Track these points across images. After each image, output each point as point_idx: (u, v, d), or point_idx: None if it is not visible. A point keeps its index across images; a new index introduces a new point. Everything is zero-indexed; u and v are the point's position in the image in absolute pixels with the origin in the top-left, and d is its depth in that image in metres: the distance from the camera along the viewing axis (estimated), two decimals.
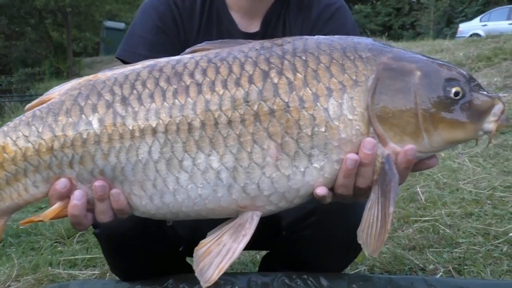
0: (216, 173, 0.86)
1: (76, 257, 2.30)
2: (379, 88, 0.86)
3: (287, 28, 1.38)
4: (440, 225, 2.26)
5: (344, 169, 0.86)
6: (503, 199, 2.49)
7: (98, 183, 0.90)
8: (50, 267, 2.23)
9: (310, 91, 0.86)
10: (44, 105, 0.95)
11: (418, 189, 2.79)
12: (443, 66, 0.90)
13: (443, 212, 2.40)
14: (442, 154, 3.50)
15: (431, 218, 2.35)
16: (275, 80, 0.87)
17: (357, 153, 0.86)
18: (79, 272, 2.19)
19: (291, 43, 0.93)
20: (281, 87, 0.87)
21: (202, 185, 0.87)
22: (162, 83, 0.90)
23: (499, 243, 2.00)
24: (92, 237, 2.59)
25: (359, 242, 0.86)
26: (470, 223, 2.25)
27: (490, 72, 6.01)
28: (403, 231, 2.31)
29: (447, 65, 0.92)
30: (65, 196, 0.91)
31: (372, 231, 0.84)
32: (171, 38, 1.31)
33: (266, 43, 0.95)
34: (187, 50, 0.99)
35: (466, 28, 16.66)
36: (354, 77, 0.87)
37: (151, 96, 0.90)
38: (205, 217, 0.93)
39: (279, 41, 0.95)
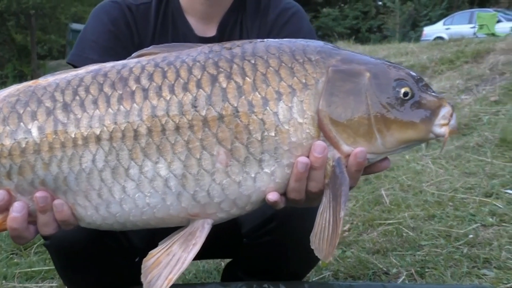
0: (164, 181, 0.84)
1: (33, 269, 2.21)
2: (329, 90, 0.86)
3: (244, 32, 1.36)
4: (403, 228, 2.28)
5: (295, 173, 0.85)
6: (464, 200, 2.54)
7: (39, 194, 0.86)
8: (4, 281, 2.14)
9: (259, 95, 0.85)
10: None
11: (383, 192, 2.82)
12: (391, 67, 0.91)
13: (406, 214, 2.43)
14: (407, 157, 3.55)
15: (395, 221, 2.37)
16: (224, 85, 0.85)
17: (308, 157, 0.85)
18: (35, 285, 2.11)
19: (240, 46, 0.92)
20: (230, 92, 0.85)
21: (150, 193, 0.85)
22: (107, 89, 0.87)
23: (460, 245, 2.03)
24: None
25: (312, 247, 0.85)
26: (433, 225, 2.28)
27: (453, 74, 6.16)
28: (368, 234, 2.32)
29: (395, 66, 0.92)
30: (4, 208, 0.87)
31: (324, 236, 0.82)
32: (124, 42, 1.28)
33: (215, 46, 0.93)
34: (133, 54, 0.96)
35: (431, 31, 17.10)
36: (303, 80, 0.86)
37: (95, 102, 0.86)
38: (154, 227, 0.90)
39: (228, 44, 0.93)
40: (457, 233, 2.13)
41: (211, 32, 1.35)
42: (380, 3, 26.93)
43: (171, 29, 1.35)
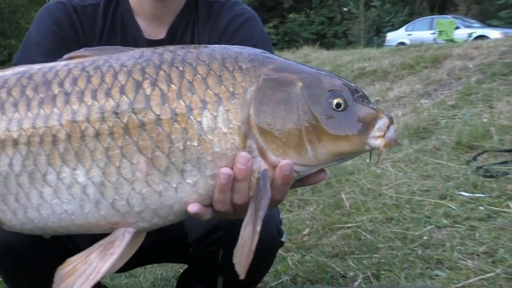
0: (82, 188, 0.82)
1: None
2: (259, 100, 0.84)
3: (195, 36, 1.35)
4: (362, 231, 2.31)
5: (219, 185, 0.83)
6: (420, 203, 2.60)
7: None
8: None
9: (183, 104, 0.83)
10: None
11: (343, 196, 2.86)
12: (326, 77, 0.89)
13: (365, 218, 2.47)
14: (368, 160, 3.62)
15: (354, 225, 2.41)
16: (148, 92, 0.83)
17: (232, 168, 0.83)
18: None
19: (172, 52, 0.90)
20: (153, 99, 0.83)
21: (67, 200, 0.83)
22: (29, 92, 0.86)
23: (415, 246, 2.08)
24: None
25: (234, 262, 0.83)
26: (390, 228, 2.33)
27: (413, 79, 6.32)
28: (327, 238, 2.35)
29: (331, 76, 0.90)
30: None
31: (244, 250, 0.81)
32: (68, 44, 1.25)
33: (147, 51, 0.91)
34: (64, 57, 0.94)
35: (393, 37, 17.54)
36: (231, 89, 0.84)
37: (15, 105, 0.85)
38: (76, 233, 0.89)
39: (160, 49, 0.91)
40: (413, 235, 2.19)
41: (161, 34, 1.33)
42: (345, 9, 27.41)
43: (120, 31, 1.33)
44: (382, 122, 0.86)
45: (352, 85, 0.90)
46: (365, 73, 7.25)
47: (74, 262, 0.83)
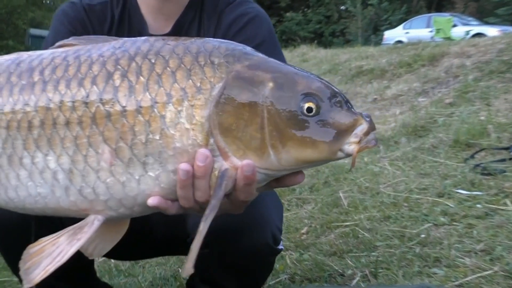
0: (53, 173, 0.85)
1: None
2: (224, 98, 0.81)
3: (201, 31, 1.34)
4: (360, 230, 2.32)
5: (179, 180, 0.82)
6: (418, 201, 2.60)
7: None
8: None
9: (149, 96, 0.83)
10: None
11: (341, 194, 2.86)
12: (303, 79, 0.83)
13: (363, 216, 2.47)
14: (365, 159, 3.63)
15: (352, 223, 2.41)
16: (117, 83, 0.84)
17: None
18: None
19: (150, 43, 0.89)
20: (121, 90, 0.84)
21: (40, 184, 0.86)
22: (13, 78, 0.89)
23: (413, 245, 2.08)
24: (1, 258, 2.41)
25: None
26: (388, 226, 2.34)
27: (410, 77, 6.33)
28: (325, 237, 2.35)
29: (310, 77, 0.84)
30: None
31: (192, 247, 0.82)
32: None
33: (128, 42, 0.90)
34: (56, 44, 0.96)
35: (391, 35, 17.54)
36: (198, 84, 0.82)
37: (0, 90, 0.89)
38: (55, 215, 0.91)
39: (140, 40, 0.91)
40: (411, 233, 2.19)
41: (167, 29, 1.33)
42: (342, 7, 27.42)
43: (127, 28, 1.34)
44: (360, 129, 0.81)
45: (334, 89, 0.85)
46: (362, 71, 7.25)
47: (43, 243, 0.85)
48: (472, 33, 13.02)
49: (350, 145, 0.81)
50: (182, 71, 0.83)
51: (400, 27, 18.37)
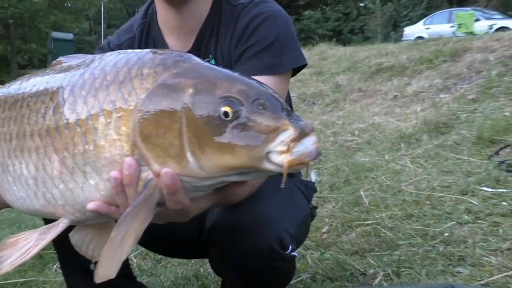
0: (25, 179, 0.95)
1: (8, 281, 2.18)
2: (146, 106, 0.82)
3: (219, 42, 1.33)
4: (381, 228, 2.29)
5: (111, 187, 0.85)
6: (441, 199, 2.56)
7: None
8: None
9: (86, 109, 0.88)
10: None
11: (362, 193, 2.83)
12: (226, 82, 0.80)
13: (384, 215, 2.44)
14: (386, 157, 3.58)
15: (374, 222, 2.39)
16: (65, 97, 0.91)
17: None
18: None
19: (101, 60, 0.94)
20: (66, 104, 0.90)
21: (19, 188, 0.96)
22: (6, 97, 1.03)
23: (436, 243, 2.05)
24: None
25: None
26: (410, 225, 2.30)
27: (432, 74, 6.22)
28: (346, 236, 2.33)
29: (235, 81, 0.81)
30: None
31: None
32: None
33: (94, 58, 0.97)
34: (52, 63, 1.05)
35: (411, 31, 17.27)
36: (126, 96, 0.85)
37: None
38: (43, 216, 1.00)
39: (97, 57, 0.96)
40: (434, 232, 2.15)
41: (188, 46, 1.34)
42: (361, 4, 27.14)
43: None
44: (285, 135, 0.75)
45: (259, 91, 0.80)
46: (382, 68, 7.16)
47: (20, 236, 0.93)
48: (495, 27, 12.73)
49: (279, 155, 0.75)
50: (115, 84, 0.86)
51: (421, 23, 18.08)
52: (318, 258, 2.09)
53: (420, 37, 14.11)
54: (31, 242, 0.91)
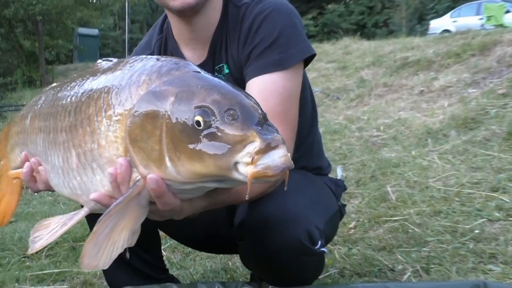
0: (57, 168, 1.06)
1: (44, 272, 2.25)
2: (135, 112, 0.87)
3: (228, 47, 1.35)
4: (409, 224, 2.28)
5: (110, 183, 0.92)
6: (470, 195, 2.53)
7: (32, 159, 1.15)
8: (16, 284, 2.18)
9: (94, 111, 0.96)
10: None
11: (389, 189, 2.82)
12: (204, 91, 0.82)
13: (412, 211, 2.43)
14: (413, 152, 3.55)
15: (401, 218, 2.37)
16: (83, 99, 1.00)
17: None
18: (47, 287, 2.15)
19: (114, 64, 1.04)
20: (83, 106, 0.99)
21: (54, 176, 1.08)
22: (42, 104, 1.19)
23: (466, 240, 2.03)
24: (61, 251, 2.54)
25: None
26: (439, 221, 2.28)
27: (459, 68, 6.10)
28: (374, 231, 2.33)
29: (212, 90, 0.83)
30: (23, 165, 1.19)
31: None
32: None
33: (103, 68, 1.05)
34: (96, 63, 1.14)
35: (437, 24, 16.92)
36: (123, 101, 0.91)
37: (44, 114, 1.15)
38: (80, 202, 1.06)
39: (120, 64, 1.02)
40: (463, 229, 2.13)
41: (203, 56, 1.37)
42: None
43: None
44: (252, 146, 0.76)
45: (233, 101, 0.81)
46: (408, 63, 7.05)
47: (53, 219, 1.03)
48: None
49: (245, 166, 0.76)
50: (117, 89, 0.94)
51: (447, 15, 17.68)
52: (345, 253, 2.10)
53: (446, 31, 13.81)
54: (58, 225, 1.02)
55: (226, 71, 1.36)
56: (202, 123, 0.80)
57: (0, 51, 21.65)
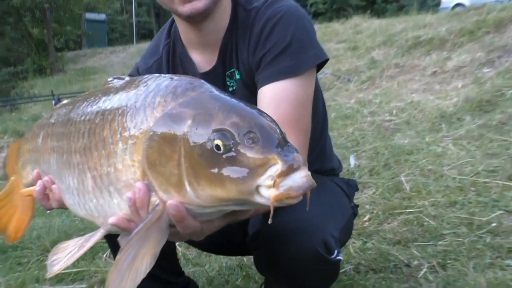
0: (72, 190, 1.04)
1: (62, 271, 2.28)
2: (152, 135, 0.84)
3: (239, 52, 1.32)
4: (424, 217, 2.26)
5: (128, 207, 0.89)
6: (486, 184, 2.49)
7: (45, 178, 1.14)
8: (36, 284, 2.22)
9: (109, 134, 0.93)
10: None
11: (403, 178, 2.79)
12: (223, 114, 0.80)
13: (427, 202, 2.40)
14: (427, 139, 3.50)
15: (416, 210, 2.35)
16: (97, 121, 0.98)
17: None
18: (66, 286, 2.19)
19: (124, 84, 1.01)
20: (97, 128, 0.97)
21: (69, 197, 1.06)
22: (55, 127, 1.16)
23: (483, 233, 2.00)
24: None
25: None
26: (454, 213, 2.26)
27: (474, 47, 5.97)
28: (388, 224, 2.31)
29: (231, 112, 0.80)
30: (35, 183, 1.17)
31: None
32: None
33: (115, 87, 1.03)
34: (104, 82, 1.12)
35: None
36: (139, 124, 0.88)
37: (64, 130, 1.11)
38: (97, 224, 1.04)
39: (133, 84, 0.99)
40: (480, 221, 2.11)
41: (213, 62, 1.35)
42: None
43: (182, 74, 1.38)
44: (274, 169, 0.74)
45: (252, 123, 0.78)
46: (420, 42, 6.92)
47: (70, 242, 1.02)
48: None
49: (268, 189, 0.75)
50: (132, 111, 0.91)
51: None
52: (360, 247, 2.09)
53: (459, 5, 13.48)
54: (75, 248, 1.00)
55: (238, 76, 1.34)
56: (222, 147, 0.77)
57: (9, 40, 21.73)
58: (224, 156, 0.77)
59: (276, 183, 0.74)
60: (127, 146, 0.89)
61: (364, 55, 7.58)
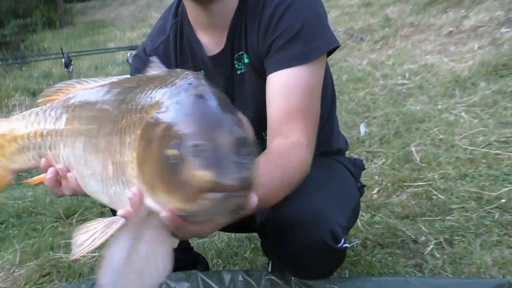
0: (97, 175, 1.03)
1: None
2: (142, 135, 0.85)
3: (248, 35, 1.29)
4: (433, 190, 2.26)
5: None
6: (498, 156, 2.46)
7: (58, 165, 1.12)
8: (51, 251, 2.29)
9: (120, 125, 0.95)
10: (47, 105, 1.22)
11: (413, 148, 2.77)
12: (184, 123, 0.78)
13: (437, 175, 2.39)
14: (439, 106, 3.44)
15: (425, 183, 2.35)
16: (117, 110, 0.99)
17: None
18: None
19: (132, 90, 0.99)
20: (118, 116, 0.97)
21: (94, 182, 1.05)
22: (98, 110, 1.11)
23: (491, 209, 2.00)
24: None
25: None
26: (464, 186, 2.25)
27: (493, 4, 5.72)
28: (397, 196, 2.32)
29: (191, 122, 0.78)
30: (46, 170, 1.15)
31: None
32: None
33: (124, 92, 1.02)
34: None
35: None
36: (139, 122, 0.89)
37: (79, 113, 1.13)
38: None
39: (155, 80, 0.97)
40: (489, 196, 2.10)
41: (222, 44, 1.32)
42: None
43: (190, 56, 1.37)
44: (207, 184, 0.73)
45: (208, 135, 0.76)
46: None
47: (93, 224, 0.99)
48: None
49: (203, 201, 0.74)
50: (140, 108, 0.91)
51: None
52: (367, 221, 2.11)
53: None
54: (97, 233, 0.97)
55: (246, 60, 1.31)
56: (174, 156, 0.76)
57: None
58: (175, 166, 0.76)
59: (202, 197, 0.73)
60: (131, 140, 0.90)
61: (378, 12, 7.34)
